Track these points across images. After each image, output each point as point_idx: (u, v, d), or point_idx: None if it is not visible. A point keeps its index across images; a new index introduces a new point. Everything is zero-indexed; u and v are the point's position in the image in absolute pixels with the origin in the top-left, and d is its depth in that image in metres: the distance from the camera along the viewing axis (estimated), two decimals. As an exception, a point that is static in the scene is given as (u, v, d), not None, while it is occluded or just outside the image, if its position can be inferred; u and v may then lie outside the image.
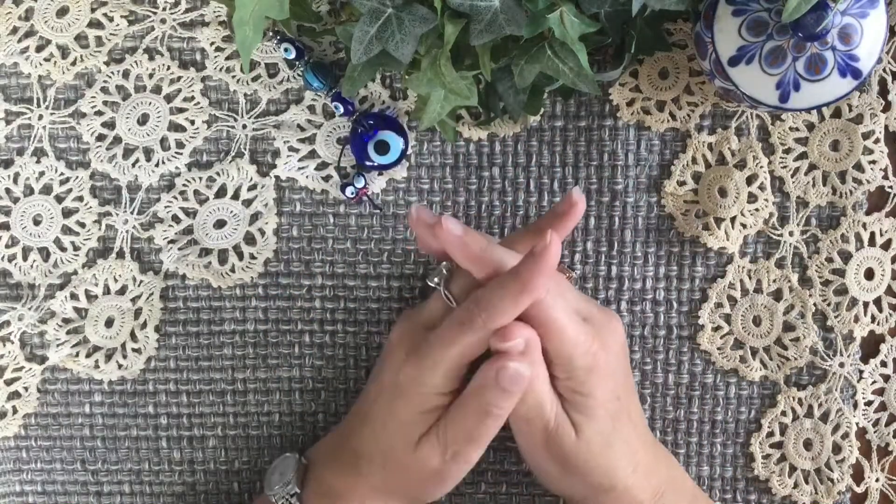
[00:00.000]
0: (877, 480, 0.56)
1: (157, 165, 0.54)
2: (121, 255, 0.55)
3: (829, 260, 0.54)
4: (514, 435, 0.49)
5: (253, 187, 0.54)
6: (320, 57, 0.54)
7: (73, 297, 0.55)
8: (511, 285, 0.44)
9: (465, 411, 0.46)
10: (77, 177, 0.54)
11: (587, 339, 0.46)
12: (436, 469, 0.47)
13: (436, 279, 0.49)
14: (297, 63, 0.53)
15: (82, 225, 0.55)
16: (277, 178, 0.54)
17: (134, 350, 0.55)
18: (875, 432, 0.56)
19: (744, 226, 0.54)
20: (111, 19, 0.54)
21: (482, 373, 0.45)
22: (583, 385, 0.46)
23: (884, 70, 0.53)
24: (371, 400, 0.49)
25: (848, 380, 0.55)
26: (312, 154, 0.54)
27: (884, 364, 0.55)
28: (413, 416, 0.47)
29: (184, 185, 0.54)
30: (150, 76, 0.54)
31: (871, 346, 0.55)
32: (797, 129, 0.54)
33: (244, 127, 0.54)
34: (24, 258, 0.55)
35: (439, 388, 0.46)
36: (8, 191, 0.54)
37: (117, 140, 0.54)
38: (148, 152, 0.54)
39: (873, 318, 0.55)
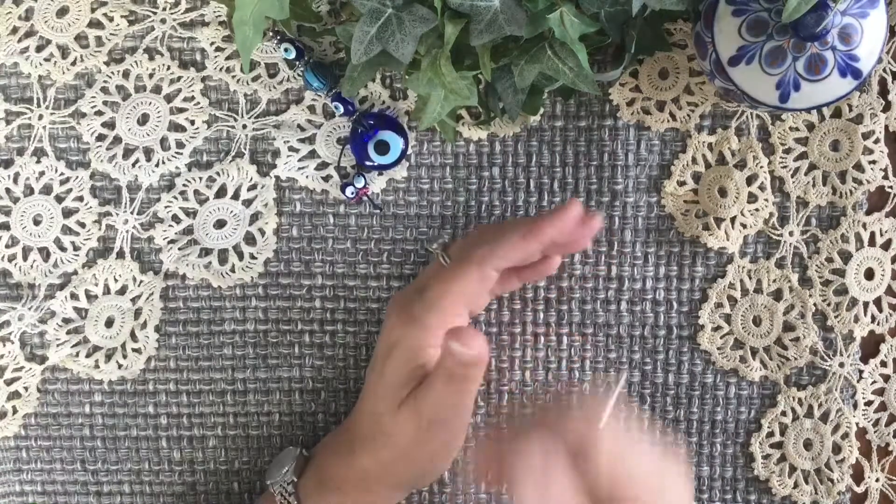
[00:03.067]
0: (877, 480, 0.56)
1: (157, 165, 0.54)
2: (121, 255, 0.55)
3: (829, 260, 0.54)
4: None
5: (253, 187, 0.54)
6: (320, 57, 0.54)
7: (73, 297, 0.55)
8: (521, 225, 0.47)
9: (436, 372, 0.47)
10: (77, 177, 0.54)
11: None
12: (414, 438, 0.47)
13: (434, 245, 0.50)
14: (297, 63, 0.53)
15: (82, 225, 0.55)
16: (277, 178, 0.54)
17: (134, 350, 0.55)
18: (875, 432, 0.56)
19: (744, 226, 0.54)
20: (111, 19, 0.54)
21: (447, 337, 0.46)
22: None
23: (884, 70, 0.53)
24: (368, 384, 0.50)
25: (848, 380, 0.55)
26: (312, 154, 0.54)
27: (884, 364, 0.55)
28: (400, 376, 0.47)
29: (184, 185, 0.54)
30: (150, 76, 0.54)
31: (871, 346, 0.55)
32: (797, 129, 0.54)
33: (244, 127, 0.54)
34: (24, 258, 0.55)
35: (428, 335, 0.47)
36: (8, 191, 0.54)
37: (117, 140, 0.54)
38: (148, 152, 0.54)
39: (873, 318, 0.55)
